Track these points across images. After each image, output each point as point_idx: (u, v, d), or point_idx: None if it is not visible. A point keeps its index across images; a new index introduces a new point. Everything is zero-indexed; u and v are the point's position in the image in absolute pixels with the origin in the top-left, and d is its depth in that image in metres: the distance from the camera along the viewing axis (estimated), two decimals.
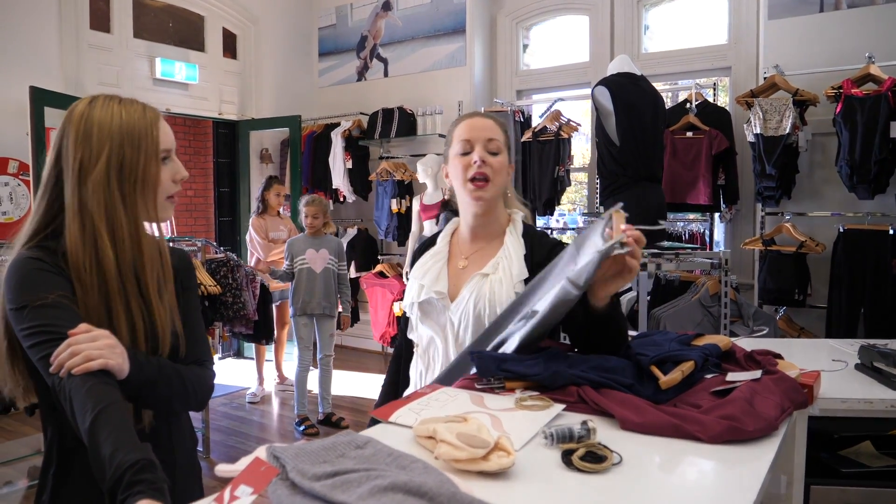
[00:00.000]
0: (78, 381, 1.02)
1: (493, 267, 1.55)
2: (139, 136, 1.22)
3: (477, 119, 1.59)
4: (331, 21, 7.00)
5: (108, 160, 1.20)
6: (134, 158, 1.22)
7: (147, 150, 1.23)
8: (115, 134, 1.21)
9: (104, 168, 1.20)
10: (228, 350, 6.49)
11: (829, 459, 1.76)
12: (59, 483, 1.21)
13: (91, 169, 1.20)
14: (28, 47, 4.87)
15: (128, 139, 1.22)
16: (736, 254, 4.74)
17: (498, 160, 1.54)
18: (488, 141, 1.54)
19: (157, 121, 1.26)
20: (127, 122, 1.22)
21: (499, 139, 1.56)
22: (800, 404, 1.16)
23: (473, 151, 1.54)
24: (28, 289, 1.13)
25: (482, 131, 1.55)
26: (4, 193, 4.67)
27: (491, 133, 1.55)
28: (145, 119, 1.24)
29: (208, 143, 7.40)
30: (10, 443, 4.08)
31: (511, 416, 1.07)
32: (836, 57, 4.32)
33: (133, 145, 1.22)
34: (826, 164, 4.40)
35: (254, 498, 0.73)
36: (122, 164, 1.21)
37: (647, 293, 3.42)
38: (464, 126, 1.58)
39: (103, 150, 1.20)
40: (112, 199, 1.20)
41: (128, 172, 1.21)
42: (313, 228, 4.29)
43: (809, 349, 2.04)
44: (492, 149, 1.55)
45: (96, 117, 1.22)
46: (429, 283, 1.58)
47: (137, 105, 1.26)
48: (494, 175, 1.54)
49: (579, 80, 5.77)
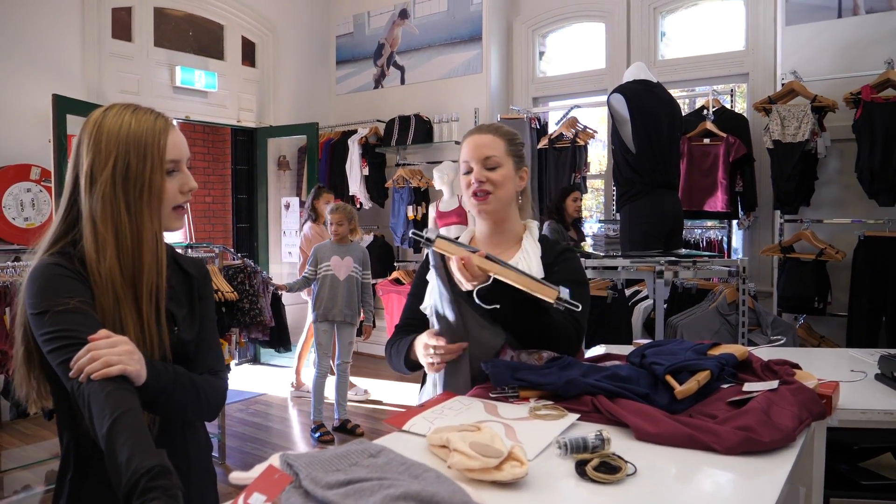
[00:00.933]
0: (97, 387, 1.02)
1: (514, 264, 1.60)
2: (145, 146, 1.23)
3: (476, 137, 1.67)
4: (348, 29, 7.04)
5: (115, 168, 1.21)
6: (139, 168, 1.22)
7: (153, 161, 1.23)
8: (122, 142, 1.22)
9: (110, 176, 1.21)
10: (245, 356, 6.53)
11: (848, 471, 1.74)
12: (76, 488, 1.22)
13: (98, 176, 1.21)
14: (51, 56, 4.95)
15: (134, 148, 1.22)
16: (754, 261, 4.69)
17: (498, 174, 1.63)
18: (485, 159, 1.63)
19: (167, 131, 1.26)
20: (135, 131, 1.23)
21: (497, 154, 1.64)
22: (818, 415, 1.15)
23: (473, 171, 1.64)
24: (49, 294, 1.15)
25: (479, 150, 1.64)
26: (27, 200, 4.74)
27: (488, 150, 1.64)
28: (154, 129, 1.24)
29: (227, 150, 7.47)
30: (28, 447, 4.13)
31: (525, 425, 1.07)
32: (854, 62, 4.28)
33: (139, 155, 1.22)
34: (845, 171, 4.35)
35: None
36: (127, 173, 1.21)
37: (664, 301, 3.40)
38: (465, 145, 1.68)
39: (110, 158, 1.21)
40: (117, 208, 1.21)
41: (132, 181, 1.22)
42: (338, 235, 4.31)
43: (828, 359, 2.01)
44: (489, 165, 1.63)
45: (107, 125, 1.23)
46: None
47: (150, 114, 1.26)
48: (495, 188, 1.63)
49: (595, 87, 5.75)
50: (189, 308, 1.35)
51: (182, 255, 1.43)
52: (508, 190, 1.66)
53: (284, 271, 6.75)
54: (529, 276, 1.38)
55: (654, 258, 3.24)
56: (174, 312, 1.30)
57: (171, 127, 1.28)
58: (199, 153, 7.81)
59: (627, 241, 3.93)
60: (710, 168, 4.68)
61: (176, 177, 1.28)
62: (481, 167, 1.63)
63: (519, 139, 1.73)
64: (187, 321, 1.33)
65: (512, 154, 1.68)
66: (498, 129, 1.70)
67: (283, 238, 6.70)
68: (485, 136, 1.67)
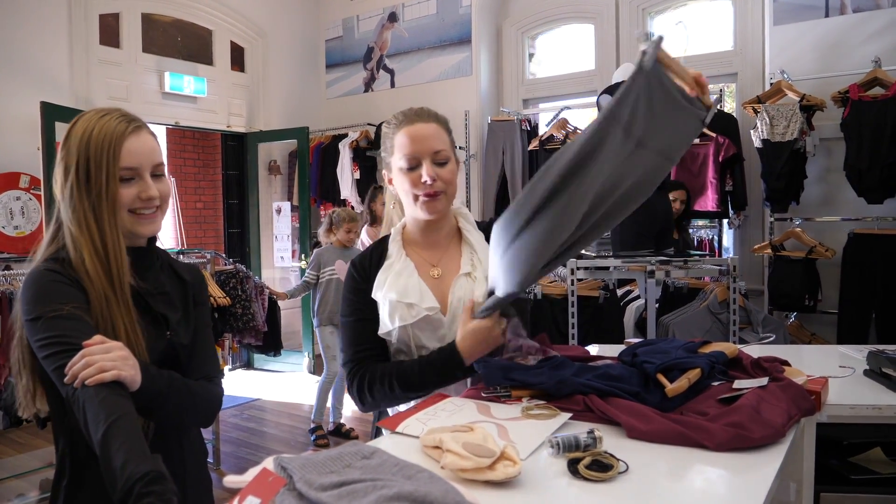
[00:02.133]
0: (91, 392, 1.03)
1: (468, 265, 1.50)
2: (101, 152, 1.21)
3: (419, 126, 1.45)
4: (337, 33, 7.05)
5: (77, 174, 1.21)
6: (96, 174, 1.21)
7: (107, 167, 1.21)
8: (82, 149, 1.22)
9: (74, 181, 1.22)
10: (238, 361, 6.51)
11: (838, 466, 1.75)
12: (71, 494, 1.22)
13: (66, 182, 1.23)
14: (38, 63, 4.93)
15: (92, 154, 1.21)
16: (745, 260, 4.72)
17: (448, 170, 1.45)
18: (435, 153, 1.44)
19: (124, 138, 1.23)
20: (94, 138, 1.22)
21: (445, 146, 1.46)
22: (807, 411, 1.16)
23: (421, 167, 1.43)
24: (43, 300, 1.15)
25: (426, 141, 1.43)
26: (17, 208, 4.71)
27: (437, 142, 1.45)
28: (112, 135, 1.22)
29: (217, 155, 7.45)
30: (22, 456, 4.10)
31: (517, 425, 1.08)
32: (842, 61, 4.32)
33: (95, 160, 1.21)
34: (834, 169, 4.38)
35: None
36: (87, 179, 1.21)
37: (655, 301, 3.41)
38: (405, 135, 1.45)
39: (72, 165, 1.22)
40: (83, 213, 1.21)
41: (92, 187, 1.21)
42: (351, 241, 4.37)
43: (818, 355, 2.03)
44: (440, 160, 1.44)
45: (75, 131, 1.24)
46: (417, 301, 1.43)
47: (114, 120, 1.24)
48: (447, 186, 1.46)
49: (585, 88, 5.77)
50: (183, 313, 1.35)
51: (177, 261, 1.43)
52: (455, 186, 1.49)
53: (277, 276, 6.75)
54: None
55: (646, 258, 3.26)
56: (168, 316, 1.30)
57: (132, 133, 1.25)
58: (189, 159, 7.78)
59: (619, 241, 3.94)
60: (700, 168, 4.71)
61: (134, 184, 1.25)
62: (431, 163, 1.43)
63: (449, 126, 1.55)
64: (181, 326, 1.33)
65: (452, 145, 1.50)
66: (437, 117, 1.50)
67: (275, 243, 6.69)
68: (428, 126, 1.46)
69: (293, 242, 6.61)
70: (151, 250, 1.35)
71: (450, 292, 1.47)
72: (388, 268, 1.50)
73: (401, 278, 1.47)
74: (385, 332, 1.45)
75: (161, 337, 1.28)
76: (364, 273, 1.52)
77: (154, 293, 1.30)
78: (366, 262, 1.54)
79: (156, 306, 1.29)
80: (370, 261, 1.53)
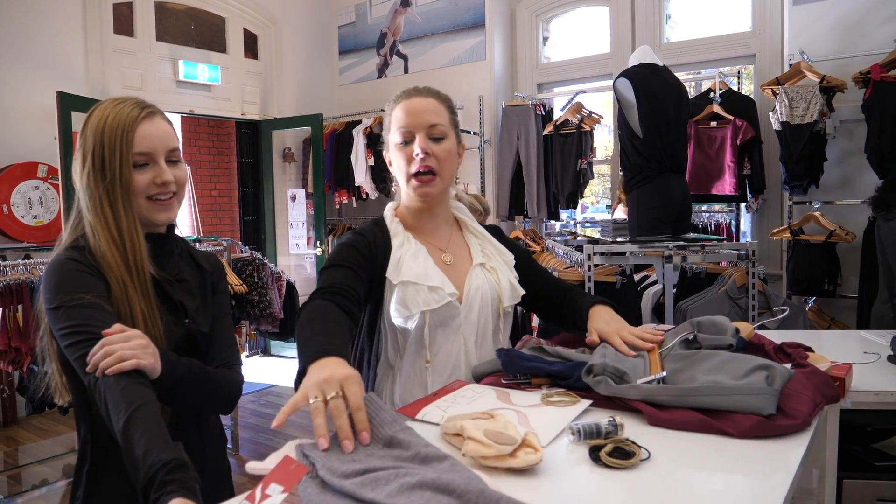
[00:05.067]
0: (112, 381, 1.04)
1: (480, 255, 1.46)
2: (114, 139, 1.23)
3: (416, 100, 1.38)
4: (350, 19, 7.01)
5: (93, 162, 1.23)
6: (111, 160, 1.22)
7: (121, 153, 1.23)
8: (97, 136, 1.23)
9: (90, 169, 1.23)
10: (255, 348, 6.57)
11: (861, 453, 1.73)
12: (93, 480, 1.23)
13: (82, 170, 1.24)
14: (54, 53, 4.95)
15: (107, 141, 1.23)
16: (763, 244, 4.67)
17: (443, 147, 1.37)
18: (430, 127, 1.36)
19: (136, 124, 1.24)
20: (109, 125, 1.23)
21: (443, 122, 1.38)
22: (832, 398, 1.14)
23: (414, 141, 1.36)
24: (64, 289, 1.16)
25: (422, 115, 1.36)
26: (35, 197, 4.75)
27: (433, 116, 1.37)
28: (125, 122, 1.23)
29: (231, 143, 7.47)
30: (45, 441, 4.17)
31: (538, 412, 1.07)
32: (863, 41, 4.23)
33: (110, 147, 1.22)
34: (855, 152, 4.31)
35: (285, 496, 0.74)
36: (103, 166, 1.23)
37: (672, 286, 3.38)
38: (401, 109, 1.38)
39: (89, 152, 1.23)
40: (100, 200, 1.23)
41: (106, 174, 1.23)
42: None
43: (840, 341, 2.00)
44: (435, 134, 1.37)
45: (91, 120, 1.25)
46: (440, 285, 1.36)
47: (129, 107, 1.25)
48: (441, 166, 1.37)
49: (601, 72, 5.72)
50: (202, 301, 1.35)
51: (196, 250, 1.43)
52: (452, 168, 1.42)
53: (292, 263, 6.77)
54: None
55: (663, 243, 3.23)
56: (185, 304, 1.31)
57: (146, 118, 1.26)
58: (204, 147, 7.82)
59: (636, 226, 3.91)
60: (717, 151, 4.65)
61: (149, 169, 1.26)
62: (426, 136, 1.36)
63: (455, 107, 1.47)
64: (200, 313, 1.33)
65: (454, 124, 1.43)
66: (438, 94, 1.43)
67: (291, 230, 6.71)
68: (426, 100, 1.38)
69: (308, 229, 6.62)
70: (170, 238, 1.35)
71: (466, 281, 1.42)
72: (399, 247, 1.39)
73: (418, 260, 1.37)
74: (402, 320, 1.36)
75: (179, 324, 1.28)
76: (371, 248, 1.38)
77: (173, 281, 1.31)
78: (370, 236, 1.40)
79: (174, 294, 1.30)
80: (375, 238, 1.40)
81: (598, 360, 1.16)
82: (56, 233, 4.37)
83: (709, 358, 1.16)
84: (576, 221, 6.15)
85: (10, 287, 3.21)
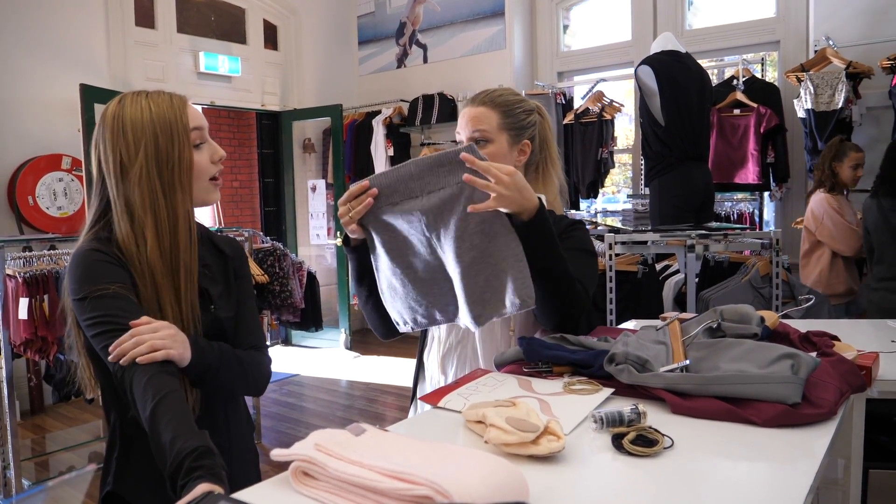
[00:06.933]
0: (139, 371, 1.06)
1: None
2: (170, 125, 1.25)
3: (468, 109, 1.55)
4: (369, 9, 7.01)
5: (146, 153, 1.23)
6: (169, 147, 1.24)
7: (179, 137, 1.25)
8: (147, 127, 1.24)
9: (143, 162, 1.23)
10: (277, 338, 6.63)
11: (888, 443, 1.71)
12: (122, 465, 1.26)
13: (131, 165, 1.23)
14: (76, 46, 5.01)
15: (161, 130, 1.24)
16: (787, 233, 4.62)
17: (486, 151, 1.48)
18: (474, 132, 1.52)
19: (185, 107, 1.28)
20: (157, 114, 1.25)
21: (488, 127, 1.51)
22: (858, 387, 1.13)
23: None
24: (89, 279, 1.17)
25: (469, 123, 1.52)
26: (59, 189, 4.82)
27: (479, 123, 1.52)
28: (173, 108, 1.27)
29: (252, 134, 7.52)
30: (71, 429, 4.25)
31: (560, 400, 1.07)
32: (890, 27, 4.15)
33: (166, 135, 1.24)
34: (882, 139, 4.23)
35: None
36: (158, 155, 1.24)
37: (695, 275, 3.36)
38: (460, 117, 1.56)
39: (140, 145, 1.23)
40: (154, 192, 1.24)
41: (165, 162, 1.24)
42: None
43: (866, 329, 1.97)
44: (477, 139, 1.51)
45: (128, 115, 1.25)
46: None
47: (164, 96, 1.28)
48: None
49: (622, 60, 5.67)
50: (225, 286, 1.36)
51: (217, 235, 1.44)
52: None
53: (313, 253, 6.81)
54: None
55: (685, 232, 3.20)
56: (209, 291, 1.32)
57: (187, 102, 1.31)
58: (224, 138, 7.87)
59: (658, 215, 3.88)
60: (740, 139, 4.60)
61: (204, 148, 1.31)
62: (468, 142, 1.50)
63: (520, 108, 1.57)
64: (223, 299, 1.34)
65: (507, 128, 1.54)
66: (494, 100, 1.55)
67: (311, 220, 6.74)
68: (477, 109, 1.54)
69: (328, 220, 6.66)
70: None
71: None
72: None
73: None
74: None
75: (206, 311, 1.30)
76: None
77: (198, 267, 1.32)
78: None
79: (199, 281, 1.31)
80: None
81: (620, 348, 1.17)
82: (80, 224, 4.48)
83: (733, 346, 1.16)
84: (596, 211, 6.12)
85: (35, 277, 3.26)
